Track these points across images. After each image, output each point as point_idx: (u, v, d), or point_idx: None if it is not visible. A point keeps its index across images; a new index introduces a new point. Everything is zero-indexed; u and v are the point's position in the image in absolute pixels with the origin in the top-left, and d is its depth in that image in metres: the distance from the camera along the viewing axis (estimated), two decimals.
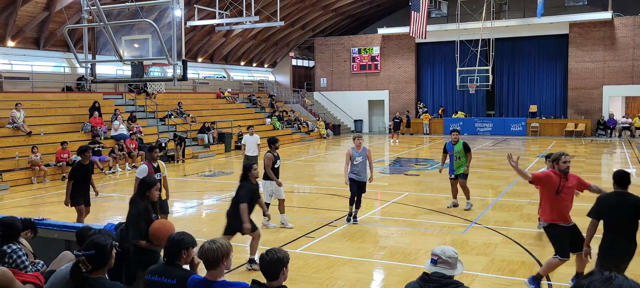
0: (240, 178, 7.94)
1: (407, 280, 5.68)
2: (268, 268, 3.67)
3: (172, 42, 8.48)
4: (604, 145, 26.39)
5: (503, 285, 7.17)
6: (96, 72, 12.13)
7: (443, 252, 3.68)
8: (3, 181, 15.76)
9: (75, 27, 16.43)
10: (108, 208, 13.10)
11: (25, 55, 22.57)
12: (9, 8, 20.16)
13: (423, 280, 3.65)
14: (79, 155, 10.44)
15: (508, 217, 10.96)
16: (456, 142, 11.57)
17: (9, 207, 13.05)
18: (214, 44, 31.53)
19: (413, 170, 18.88)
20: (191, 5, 24.67)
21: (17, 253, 4.61)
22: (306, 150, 26.35)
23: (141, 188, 5.90)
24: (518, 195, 13.30)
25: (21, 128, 18.22)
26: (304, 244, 9.12)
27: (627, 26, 30.31)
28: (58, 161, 17.24)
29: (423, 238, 9.49)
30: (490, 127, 33.00)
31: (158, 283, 4.06)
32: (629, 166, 18.97)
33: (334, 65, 37.65)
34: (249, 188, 7.76)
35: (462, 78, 31.50)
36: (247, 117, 30.21)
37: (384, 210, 12.05)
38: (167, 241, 4.20)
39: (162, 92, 26.42)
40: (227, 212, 7.95)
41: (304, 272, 7.70)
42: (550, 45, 32.70)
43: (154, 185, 5.92)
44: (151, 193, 5.88)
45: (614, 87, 30.76)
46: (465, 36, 31.95)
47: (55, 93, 22.48)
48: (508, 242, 9.06)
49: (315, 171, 19.66)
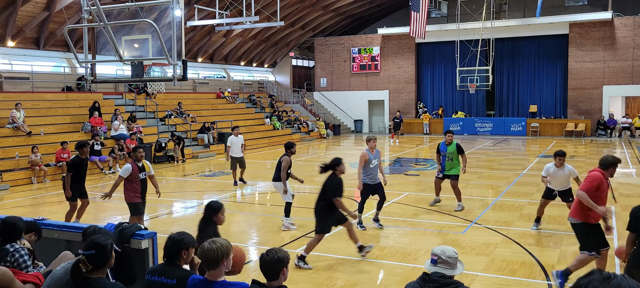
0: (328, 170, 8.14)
1: (407, 280, 5.68)
2: (268, 268, 3.67)
3: (172, 42, 8.49)
4: (604, 145, 26.39)
5: (503, 285, 7.17)
6: (96, 72, 12.15)
7: (443, 252, 3.68)
8: (3, 181, 15.76)
9: (75, 27, 16.40)
10: (108, 208, 13.09)
11: (25, 55, 22.57)
12: (9, 8, 20.16)
13: (423, 280, 3.65)
14: (77, 149, 10.47)
15: (508, 217, 10.96)
16: (450, 143, 11.59)
17: (9, 207, 13.05)
18: (214, 44, 31.53)
19: (413, 170, 18.88)
20: (191, 5, 24.67)
21: (20, 252, 4.61)
22: (306, 150, 26.35)
23: (207, 213, 5.75)
24: (518, 195, 13.30)
25: (21, 128, 18.22)
26: (304, 244, 9.11)
27: (627, 26, 30.31)
28: (58, 161, 17.24)
29: (423, 238, 9.48)
30: (490, 127, 33.00)
31: (158, 283, 4.06)
32: (629, 166, 18.97)
33: (334, 65, 37.65)
34: (337, 182, 7.97)
35: (462, 78, 31.50)
36: (247, 117, 30.22)
37: (384, 210, 12.03)
38: (167, 241, 4.19)
39: (162, 92, 26.42)
40: (316, 209, 8.09)
41: (303, 272, 7.70)
42: (550, 45, 32.70)
43: (220, 210, 5.74)
44: (218, 218, 5.72)
45: (614, 87, 30.76)
46: (465, 36, 31.95)
47: (55, 93, 22.47)
48: (508, 242, 9.06)
49: (315, 171, 19.63)
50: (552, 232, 9.75)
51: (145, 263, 5.24)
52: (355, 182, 10.50)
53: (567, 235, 9.51)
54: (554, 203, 12.03)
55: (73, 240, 5.39)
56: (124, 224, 5.49)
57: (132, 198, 9.19)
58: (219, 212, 5.74)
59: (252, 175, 18.56)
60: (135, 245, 5.26)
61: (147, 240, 5.31)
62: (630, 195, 13.25)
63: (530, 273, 7.51)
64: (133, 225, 5.43)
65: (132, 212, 9.33)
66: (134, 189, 9.19)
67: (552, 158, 9.65)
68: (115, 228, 5.37)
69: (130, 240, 5.27)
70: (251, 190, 15.55)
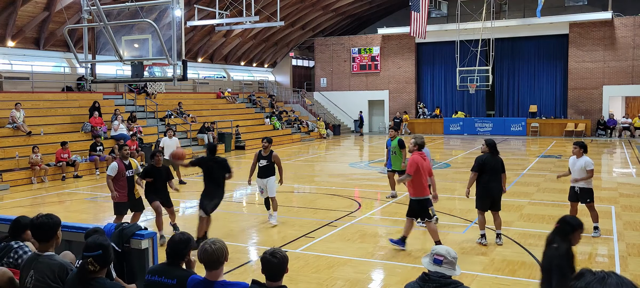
0: None
1: (407, 280, 5.68)
2: (274, 270, 3.68)
3: (172, 42, 8.49)
4: (604, 145, 26.40)
5: (503, 285, 7.17)
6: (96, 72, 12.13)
7: (448, 253, 3.68)
8: (3, 181, 15.76)
9: (75, 27, 16.42)
10: (108, 209, 13.08)
11: (25, 55, 22.56)
12: (9, 8, 20.16)
13: (423, 280, 3.65)
14: (151, 158, 9.74)
15: (508, 217, 10.95)
16: (393, 138, 12.84)
17: (9, 207, 13.05)
18: (214, 44, 31.53)
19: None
20: (191, 5, 24.67)
21: (23, 249, 4.63)
22: (306, 150, 26.35)
23: (563, 229, 4.74)
24: (518, 195, 13.30)
25: (21, 128, 18.22)
26: (304, 244, 9.12)
27: (627, 26, 30.31)
28: (58, 161, 17.24)
29: (423, 238, 9.48)
30: (490, 127, 32.99)
31: (158, 283, 4.06)
32: (629, 166, 18.97)
33: (334, 65, 37.66)
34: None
35: (462, 78, 31.50)
36: (247, 117, 30.23)
37: (384, 210, 12.06)
38: (171, 241, 4.18)
39: (162, 92, 26.43)
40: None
41: (304, 272, 7.70)
42: (550, 45, 32.71)
43: (580, 228, 4.77)
44: (574, 237, 4.73)
45: (614, 87, 30.76)
46: (465, 36, 31.95)
47: (55, 93, 22.47)
48: (508, 242, 9.05)
49: (315, 171, 19.64)
50: None
51: (145, 263, 5.24)
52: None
53: None
54: (552, 203, 12.06)
55: (73, 240, 5.39)
56: (124, 224, 5.50)
57: (117, 198, 9.08)
58: (578, 230, 4.77)
59: (253, 175, 18.53)
60: (135, 245, 5.26)
61: (147, 240, 5.31)
62: (630, 195, 13.25)
63: (530, 273, 7.51)
64: (133, 225, 5.44)
65: (115, 211, 9.22)
66: (121, 187, 9.08)
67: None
68: (115, 228, 5.38)
69: (130, 240, 5.27)
70: (251, 190, 15.55)
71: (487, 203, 8.75)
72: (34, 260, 4.08)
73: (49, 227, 4.17)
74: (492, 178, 8.68)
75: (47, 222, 4.18)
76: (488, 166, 8.67)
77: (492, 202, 8.74)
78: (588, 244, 8.95)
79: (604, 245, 8.90)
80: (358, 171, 18.51)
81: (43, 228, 4.16)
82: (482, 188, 8.73)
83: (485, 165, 8.68)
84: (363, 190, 14.73)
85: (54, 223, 4.20)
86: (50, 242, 4.18)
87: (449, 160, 21.23)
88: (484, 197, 8.74)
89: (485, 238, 8.84)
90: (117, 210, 9.22)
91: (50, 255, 4.09)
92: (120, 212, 9.22)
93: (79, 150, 18.75)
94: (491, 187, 8.67)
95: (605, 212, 11.26)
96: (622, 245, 8.86)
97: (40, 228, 4.17)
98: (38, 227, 4.18)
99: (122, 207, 9.22)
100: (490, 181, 8.67)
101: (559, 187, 13.76)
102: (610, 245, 8.93)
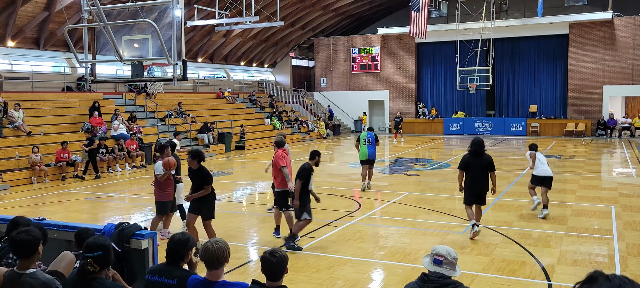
0: None
1: (407, 280, 5.68)
2: (274, 269, 3.68)
3: (172, 42, 8.48)
4: (604, 145, 26.39)
5: (503, 285, 7.17)
6: (96, 72, 12.13)
7: (448, 254, 3.67)
8: (3, 181, 15.76)
9: (75, 27, 16.40)
10: (108, 208, 13.10)
11: (25, 55, 22.56)
12: (9, 8, 20.16)
13: (422, 280, 3.64)
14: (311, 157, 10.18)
15: (508, 217, 10.96)
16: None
17: (9, 207, 13.04)
18: (214, 44, 31.53)
19: (413, 170, 18.88)
20: (191, 5, 24.67)
21: None
22: (306, 150, 26.33)
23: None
24: (518, 195, 13.30)
25: (21, 128, 18.22)
26: (304, 244, 9.12)
27: (627, 26, 30.31)
28: (58, 161, 17.24)
29: (423, 238, 9.49)
30: (490, 127, 33.00)
31: (158, 283, 4.06)
32: (629, 166, 18.97)
33: (334, 65, 37.66)
34: None
35: (462, 78, 31.48)
36: (247, 117, 30.22)
37: (384, 210, 12.05)
38: (171, 241, 4.17)
39: (162, 93, 26.43)
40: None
41: (304, 272, 7.70)
42: (550, 45, 32.70)
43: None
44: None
45: (614, 87, 30.76)
46: (465, 36, 31.94)
47: (55, 93, 22.47)
48: (508, 242, 9.06)
49: (315, 171, 19.61)
50: (552, 232, 9.75)
51: (145, 263, 5.24)
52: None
53: (567, 235, 9.52)
54: (552, 203, 12.05)
55: (73, 241, 5.39)
56: (124, 224, 5.50)
57: (168, 197, 9.39)
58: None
59: (253, 174, 18.57)
60: (135, 245, 5.26)
61: (147, 240, 5.31)
62: (630, 195, 13.24)
63: (530, 273, 7.51)
64: (133, 225, 5.44)
65: (160, 211, 9.43)
66: (169, 185, 9.39)
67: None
68: (115, 228, 5.38)
69: (130, 240, 5.27)
70: (251, 190, 15.55)
71: (472, 199, 9.38)
72: (15, 281, 3.85)
73: (30, 243, 3.92)
74: (475, 177, 9.33)
75: (27, 239, 3.92)
76: (470, 165, 9.38)
77: (476, 197, 9.37)
78: (588, 244, 8.96)
79: (604, 245, 8.90)
80: (358, 171, 18.47)
81: (23, 246, 3.91)
82: (467, 185, 9.40)
83: (468, 164, 9.39)
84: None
85: (34, 239, 3.95)
86: (31, 258, 3.92)
87: (448, 160, 21.23)
88: (468, 193, 9.40)
89: (477, 226, 9.30)
90: (163, 209, 9.36)
91: (32, 273, 3.83)
92: (165, 211, 9.41)
93: (79, 150, 18.75)
94: (473, 185, 9.32)
95: (605, 212, 11.27)
96: (622, 245, 8.86)
97: (20, 245, 3.92)
98: (18, 244, 3.93)
99: (168, 205, 9.44)
100: (474, 181, 9.32)
101: (559, 187, 13.76)
102: (610, 245, 8.93)
